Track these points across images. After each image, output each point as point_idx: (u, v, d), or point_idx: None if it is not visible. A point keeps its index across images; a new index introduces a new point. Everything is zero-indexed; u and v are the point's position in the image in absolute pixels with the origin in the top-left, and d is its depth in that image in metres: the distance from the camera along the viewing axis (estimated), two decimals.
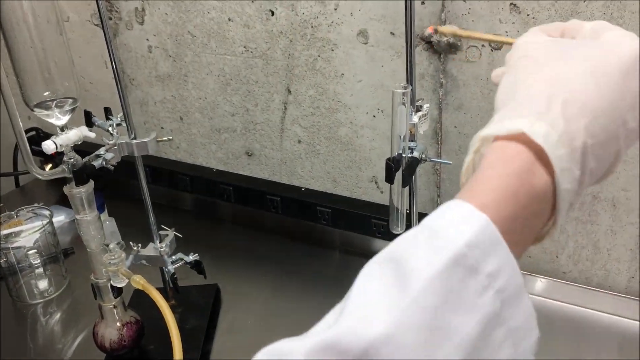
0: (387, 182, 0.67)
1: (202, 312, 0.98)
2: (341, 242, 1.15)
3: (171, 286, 0.94)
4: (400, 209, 0.72)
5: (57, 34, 0.75)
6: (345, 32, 0.98)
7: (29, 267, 1.06)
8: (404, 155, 0.67)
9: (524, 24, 0.84)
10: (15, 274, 1.06)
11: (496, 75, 0.43)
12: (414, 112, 0.69)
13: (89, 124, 0.82)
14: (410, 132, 0.68)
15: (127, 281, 0.79)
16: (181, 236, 0.94)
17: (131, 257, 0.87)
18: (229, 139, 1.21)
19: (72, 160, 0.75)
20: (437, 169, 1.00)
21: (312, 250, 1.15)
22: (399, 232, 0.74)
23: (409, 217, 0.78)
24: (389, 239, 0.37)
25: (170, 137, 0.88)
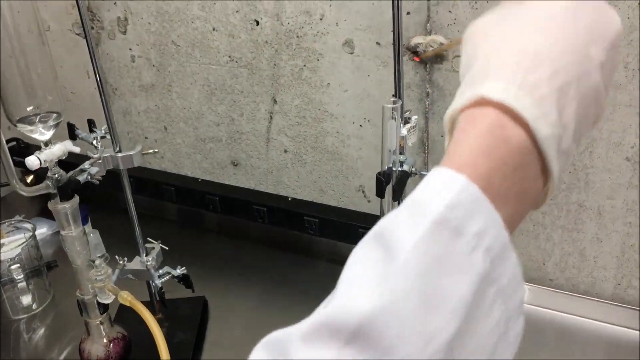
0: (378, 196, 0.67)
1: (189, 325, 0.97)
2: (328, 251, 1.15)
3: (158, 299, 0.92)
4: None
5: (40, 44, 0.74)
6: (331, 42, 0.98)
7: (11, 282, 1.04)
8: (394, 169, 0.66)
9: None
10: None
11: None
12: (402, 125, 0.69)
13: (73, 136, 0.81)
14: (399, 145, 0.68)
15: (114, 297, 0.78)
16: (167, 249, 0.93)
17: (117, 271, 0.86)
18: (215, 148, 1.20)
19: (56, 175, 0.74)
20: None
21: (299, 260, 1.15)
22: None
23: None
24: None
25: (156, 150, 0.87)
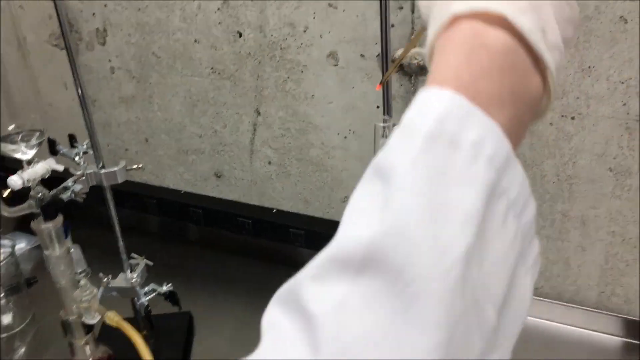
0: None
1: (175, 341, 0.96)
2: None
3: (143, 315, 0.91)
4: None
5: (19, 56, 0.72)
6: (315, 54, 0.97)
7: None
8: None
9: None
10: None
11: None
12: None
13: (54, 152, 0.79)
14: None
15: (99, 317, 0.77)
16: (152, 264, 0.91)
17: (101, 289, 0.84)
18: (197, 160, 1.19)
19: (39, 195, 0.72)
20: None
21: (285, 272, 1.14)
22: None
23: None
24: None
25: (140, 165, 0.85)
